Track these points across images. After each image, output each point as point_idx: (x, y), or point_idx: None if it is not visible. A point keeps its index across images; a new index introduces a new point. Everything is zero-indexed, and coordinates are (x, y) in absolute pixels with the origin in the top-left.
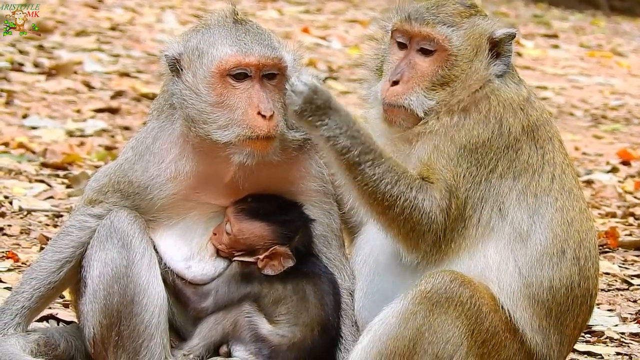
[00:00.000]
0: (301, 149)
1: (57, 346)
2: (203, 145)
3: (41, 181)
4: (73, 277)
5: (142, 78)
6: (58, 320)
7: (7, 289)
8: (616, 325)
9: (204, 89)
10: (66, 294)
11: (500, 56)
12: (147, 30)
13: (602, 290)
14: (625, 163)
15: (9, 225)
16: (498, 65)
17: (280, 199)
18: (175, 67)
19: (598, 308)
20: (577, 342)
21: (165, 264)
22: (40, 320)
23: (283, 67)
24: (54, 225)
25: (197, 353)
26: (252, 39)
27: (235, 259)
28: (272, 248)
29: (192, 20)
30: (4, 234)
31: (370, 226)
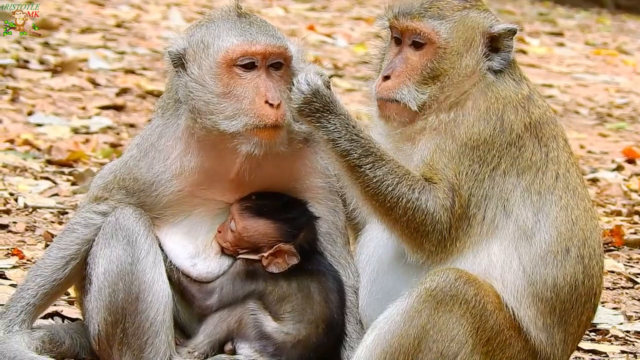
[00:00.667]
0: (307, 142)
1: (62, 343)
2: (209, 138)
3: (46, 178)
4: (78, 274)
5: (147, 75)
6: (63, 318)
7: (12, 286)
8: (621, 324)
9: (210, 80)
10: (71, 291)
11: (500, 52)
12: (153, 27)
13: (607, 288)
14: (631, 161)
15: (14, 222)
16: (495, 60)
17: (285, 197)
18: (179, 62)
19: (603, 306)
20: (582, 340)
21: (171, 262)
22: (45, 317)
23: (288, 56)
24: (59, 223)
25: (202, 350)
26: (257, 29)
27: (240, 256)
28: (276, 246)
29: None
30: (9, 231)
31: (375, 224)
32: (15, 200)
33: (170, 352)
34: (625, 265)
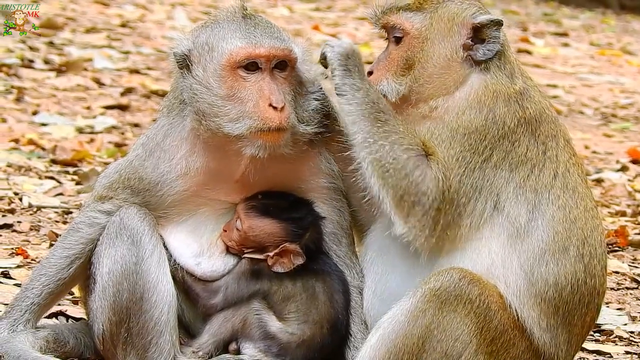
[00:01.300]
0: (311, 143)
1: (66, 343)
2: (214, 140)
3: (51, 178)
4: (82, 273)
5: (152, 75)
6: (67, 317)
7: (16, 285)
8: (625, 324)
9: (215, 82)
10: (75, 290)
11: (485, 43)
12: (158, 27)
13: (612, 289)
14: (635, 162)
15: (18, 222)
16: (478, 51)
17: (291, 196)
18: (184, 63)
19: (607, 307)
20: (586, 340)
21: (175, 261)
22: (49, 316)
23: (293, 58)
24: (64, 222)
25: (206, 350)
26: (261, 31)
27: (245, 256)
28: (282, 245)
29: (202, 18)
30: (14, 231)
31: (379, 224)
32: (20, 199)
33: (175, 351)
34: (629, 265)
